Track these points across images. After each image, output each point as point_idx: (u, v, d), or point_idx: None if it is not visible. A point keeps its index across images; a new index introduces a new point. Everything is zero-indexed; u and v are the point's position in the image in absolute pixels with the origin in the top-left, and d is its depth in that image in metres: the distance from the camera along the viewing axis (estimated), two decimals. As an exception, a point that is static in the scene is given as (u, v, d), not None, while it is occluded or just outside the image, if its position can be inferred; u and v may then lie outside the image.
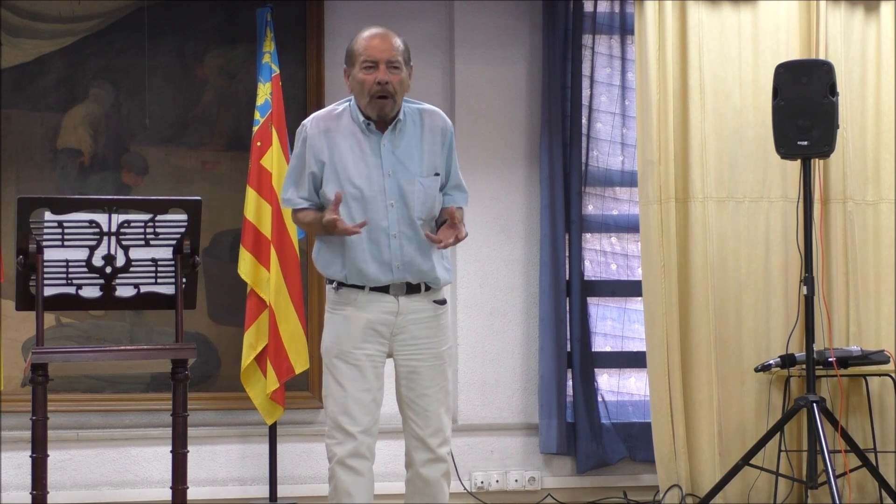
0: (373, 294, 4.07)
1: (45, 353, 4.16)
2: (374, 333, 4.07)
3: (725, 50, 6.01)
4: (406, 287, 4.09)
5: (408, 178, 4.07)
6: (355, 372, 4.06)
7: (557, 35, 6.20)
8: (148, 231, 4.25)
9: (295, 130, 6.03)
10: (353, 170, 4.05)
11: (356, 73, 4.06)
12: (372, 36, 4.07)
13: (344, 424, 4.03)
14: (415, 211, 4.07)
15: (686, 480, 5.86)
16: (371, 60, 4.02)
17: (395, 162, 4.08)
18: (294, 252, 5.75)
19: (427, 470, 4.12)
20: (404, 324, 4.10)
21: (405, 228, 4.06)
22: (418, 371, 4.11)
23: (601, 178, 6.33)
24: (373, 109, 4.05)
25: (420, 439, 4.11)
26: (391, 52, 4.03)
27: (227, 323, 6.02)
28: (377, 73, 4.01)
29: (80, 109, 6.00)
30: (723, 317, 5.93)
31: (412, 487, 4.17)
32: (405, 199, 4.06)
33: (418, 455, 4.12)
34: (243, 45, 6.09)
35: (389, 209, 4.05)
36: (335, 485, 4.05)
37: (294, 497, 5.97)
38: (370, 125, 4.09)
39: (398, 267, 4.05)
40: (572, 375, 6.18)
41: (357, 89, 4.07)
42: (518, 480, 6.16)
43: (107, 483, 5.92)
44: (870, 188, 6.08)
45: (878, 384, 5.97)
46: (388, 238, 4.04)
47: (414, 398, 4.11)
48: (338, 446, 4.04)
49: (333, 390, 4.08)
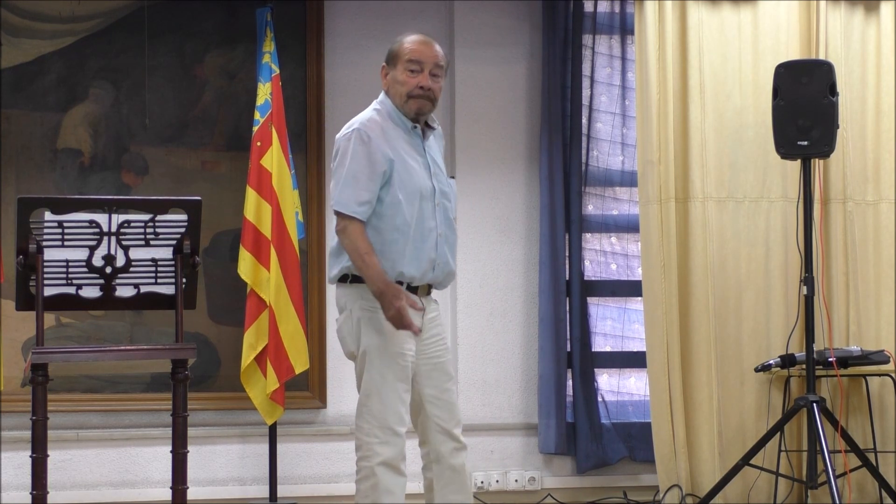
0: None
1: (45, 353, 4.15)
2: (412, 334, 4.13)
3: (725, 50, 6.01)
4: (427, 288, 4.21)
5: (444, 179, 4.24)
6: (403, 373, 4.12)
7: (557, 35, 6.20)
8: (148, 231, 4.25)
9: (295, 131, 6.06)
10: (404, 169, 4.11)
11: (398, 74, 4.16)
12: (419, 40, 4.19)
13: (392, 424, 4.06)
14: (452, 212, 4.25)
15: (686, 480, 5.86)
16: (417, 62, 4.14)
17: (434, 164, 4.22)
18: (294, 252, 5.75)
19: (455, 459, 4.22)
20: (426, 323, 4.20)
21: (446, 229, 4.20)
22: (438, 367, 4.23)
23: (601, 178, 6.32)
24: (410, 108, 4.16)
25: (447, 432, 4.21)
26: (436, 58, 4.18)
27: (227, 323, 6.02)
28: (420, 77, 4.14)
29: (80, 109, 6.00)
30: (723, 317, 5.93)
31: (443, 480, 4.21)
32: (446, 199, 4.21)
33: (445, 447, 4.20)
34: (243, 45, 6.09)
35: (436, 209, 4.17)
36: (375, 483, 4.05)
37: (294, 497, 5.97)
38: (416, 128, 4.19)
39: (439, 265, 4.17)
40: (572, 375, 6.18)
41: (395, 88, 4.17)
42: (518, 480, 6.16)
43: (107, 483, 5.92)
44: (870, 188, 6.08)
45: (878, 384, 5.97)
46: (434, 237, 4.15)
47: (438, 394, 4.21)
48: (382, 446, 4.06)
49: (382, 390, 4.08)
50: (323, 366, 6.09)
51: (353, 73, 6.19)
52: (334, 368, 6.11)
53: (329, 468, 6.08)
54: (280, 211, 5.71)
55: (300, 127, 6.11)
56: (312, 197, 6.10)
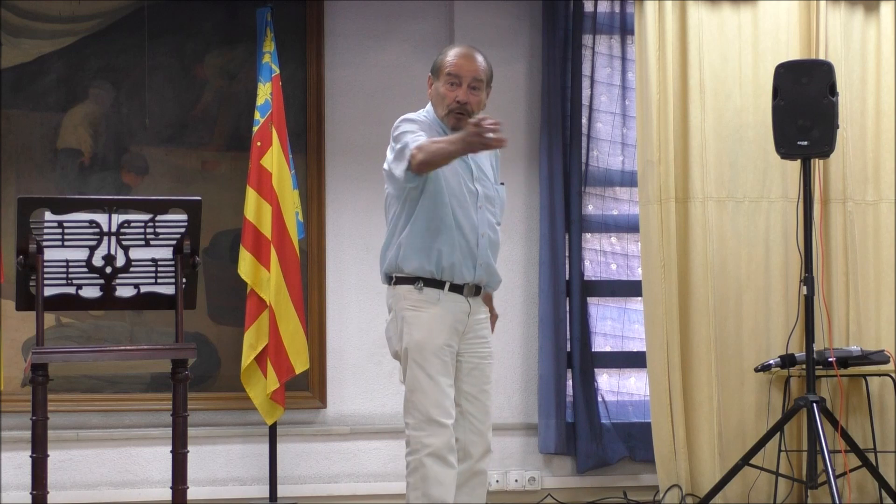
0: (451, 294, 4.23)
1: (45, 353, 4.15)
2: (454, 332, 4.24)
3: (725, 50, 6.01)
4: (475, 289, 4.29)
5: (489, 185, 4.34)
6: (445, 368, 4.20)
7: (557, 35, 6.20)
8: (148, 231, 4.25)
9: (295, 131, 6.06)
10: (444, 170, 4.18)
11: (439, 86, 4.28)
12: (461, 54, 4.30)
13: (437, 417, 4.14)
14: (497, 216, 4.35)
15: (686, 480, 5.86)
16: (456, 76, 4.24)
17: (478, 168, 4.31)
18: (294, 252, 5.75)
19: (482, 463, 4.32)
20: (472, 323, 4.30)
21: (489, 231, 4.28)
22: (480, 368, 4.33)
23: (601, 178, 6.33)
24: (449, 123, 4.27)
25: (479, 433, 4.31)
26: (476, 72, 4.28)
27: (227, 323, 6.02)
28: (459, 91, 4.24)
29: (80, 109, 6.00)
30: (723, 317, 5.93)
31: (462, 478, 4.24)
32: (490, 203, 4.30)
33: (475, 449, 4.30)
34: (243, 45, 6.09)
35: (479, 211, 4.26)
36: (424, 474, 4.12)
37: (294, 497, 5.97)
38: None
39: (481, 265, 4.26)
40: (572, 375, 6.18)
41: (437, 101, 4.30)
42: (518, 480, 6.16)
43: (107, 483, 5.92)
44: (870, 188, 6.08)
45: (878, 384, 5.97)
46: (477, 237, 4.24)
47: (476, 393, 4.31)
48: (430, 438, 4.12)
49: (425, 384, 4.16)
50: (323, 366, 6.09)
51: (353, 73, 6.19)
52: (334, 368, 6.11)
53: (329, 468, 6.08)
54: (280, 211, 5.71)
55: (300, 127, 6.11)
56: (312, 197, 6.11)
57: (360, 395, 6.15)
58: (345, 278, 6.16)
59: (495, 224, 4.33)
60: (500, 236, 4.38)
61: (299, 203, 5.89)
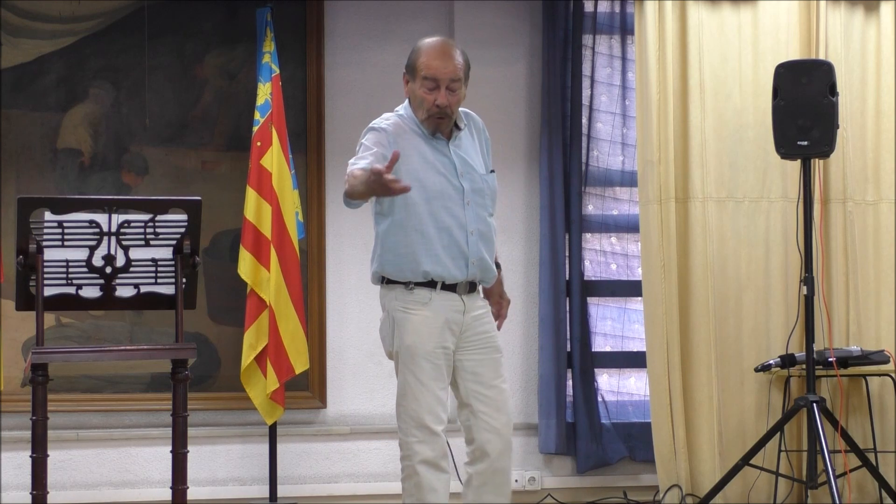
0: (443, 293, 4.14)
1: (45, 353, 4.15)
2: (449, 332, 4.15)
3: (725, 50, 6.01)
4: (469, 286, 4.20)
5: (476, 177, 4.22)
6: (438, 371, 4.12)
7: (557, 35, 6.20)
8: (148, 231, 4.25)
9: (295, 131, 6.06)
10: (422, 171, 4.11)
11: (416, 88, 4.14)
12: (435, 53, 4.12)
13: (429, 423, 4.07)
14: (488, 208, 4.23)
15: (686, 480, 5.86)
16: (433, 80, 4.10)
17: (463, 163, 4.20)
18: (294, 252, 5.75)
19: (502, 461, 4.19)
20: (469, 321, 4.20)
21: (480, 226, 4.19)
22: (484, 364, 4.20)
23: (601, 178, 6.33)
24: (429, 125, 4.16)
25: (494, 430, 4.17)
26: (453, 72, 4.11)
27: (227, 323, 6.02)
28: (437, 94, 4.10)
29: (80, 109, 6.00)
30: (723, 317, 5.93)
31: (482, 478, 4.18)
32: (479, 197, 4.20)
33: (492, 447, 4.16)
34: (243, 45, 6.09)
35: (466, 207, 4.17)
36: (417, 482, 4.08)
37: (294, 497, 5.97)
38: (437, 133, 4.19)
39: (474, 263, 4.17)
40: (572, 375, 6.18)
41: (416, 103, 4.16)
42: (518, 480, 6.16)
43: (107, 483, 5.93)
44: (870, 188, 6.08)
45: (878, 384, 5.97)
46: (466, 235, 4.15)
47: (484, 391, 4.18)
48: (420, 444, 4.08)
49: (416, 389, 4.10)
50: (323, 366, 6.09)
51: (353, 73, 6.19)
52: (334, 368, 6.11)
53: (329, 468, 6.08)
54: (280, 211, 5.71)
55: (300, 127, 6.11)
56: (312, 197, 6.11)
57: (360, 395, 6.16)
58: (345, 278, 6.16)
59: (486, 217, 4.22)
60: (493, 227, 4.27)
61: (299, 203, 5.88)
